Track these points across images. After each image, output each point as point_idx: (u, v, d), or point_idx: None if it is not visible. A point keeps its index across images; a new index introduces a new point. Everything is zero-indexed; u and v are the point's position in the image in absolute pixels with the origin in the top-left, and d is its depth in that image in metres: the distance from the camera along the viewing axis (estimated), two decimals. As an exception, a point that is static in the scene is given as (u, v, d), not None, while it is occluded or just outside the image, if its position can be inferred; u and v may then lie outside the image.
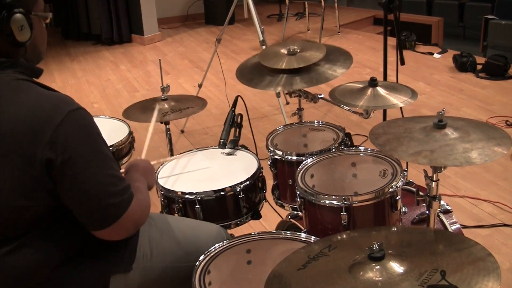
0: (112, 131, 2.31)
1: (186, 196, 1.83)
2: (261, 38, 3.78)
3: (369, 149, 1.87)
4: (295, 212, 1.97)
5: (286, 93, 3.44)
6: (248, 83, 2.11)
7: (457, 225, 1.90)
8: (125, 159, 2.27)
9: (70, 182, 1.24)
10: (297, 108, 2.35)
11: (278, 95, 3.76)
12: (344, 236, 1.32)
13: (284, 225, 1.98)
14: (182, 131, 4.00)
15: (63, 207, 1.28)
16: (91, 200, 1.26)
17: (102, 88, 5.10)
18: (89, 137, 1.26)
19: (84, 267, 1.37)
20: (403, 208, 1.72)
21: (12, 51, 1.30)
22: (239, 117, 2.16)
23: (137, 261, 1.46)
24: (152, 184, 1.61)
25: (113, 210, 1.28)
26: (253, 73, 2.15)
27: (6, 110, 1.22)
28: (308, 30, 6.59)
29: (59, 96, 1.28)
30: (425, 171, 1.54)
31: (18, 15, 1.26)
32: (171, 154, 2.44)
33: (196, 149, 2.18)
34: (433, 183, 1.52)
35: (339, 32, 6.37)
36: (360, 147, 1.95)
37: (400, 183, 1.65)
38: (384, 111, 2.95)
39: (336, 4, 6.35)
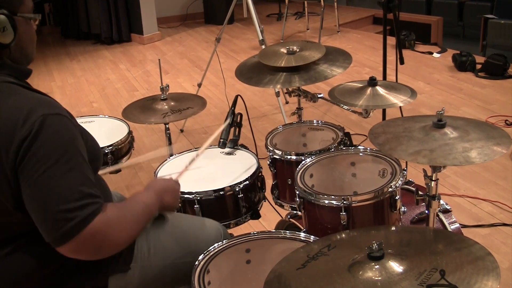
0: (111, 130, 2.31)
1: (186, 195, 1.83)
2: (261, 38, 3.78)
3: (368, 148, 1.87)
4: (295, 212, 1.97)
5: (286, 93, 3.44)
6: (247, 82, 2.11)
7: (457, 225, 1.90)
8: (124, 159, 2.27)
9: (26, 182, 1.17)
10: (297, 108, 2.35)
11: (277, 94, 3.76)
12: (344, 235, 1.32)
13: (283, 225, 1.98)
14: (182, 131, 4.00)
15: None
16: (39, 206, 1.17)
17: (101, 88, 5.10)
18: (59, 142, 1.19)
19: (82, 269, 1.35)
20: (403, 207, 1.72)
21: None
22: (239, 116, 2.16)
23: (135, 260, 1.45)
24: (173, 205, 1.52)
25: (63, 225, 1.14)
26: (253, 72, 2.15)
27: None
28: (308, 29, 6.59)
29: (41, 99, 1.24)
30: (424, 171, 1.54)
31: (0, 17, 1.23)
32: (170, 153, 2.44)
33: (195, 148, 2.18)
34: (433, 182, 1.52)
35: (338, 32, 6.37)
36: (359, 147, 1.95)
37: (399, 183, 1.65)
38: (384, 111, 2.95)
39: (335, 4, 6.35)
